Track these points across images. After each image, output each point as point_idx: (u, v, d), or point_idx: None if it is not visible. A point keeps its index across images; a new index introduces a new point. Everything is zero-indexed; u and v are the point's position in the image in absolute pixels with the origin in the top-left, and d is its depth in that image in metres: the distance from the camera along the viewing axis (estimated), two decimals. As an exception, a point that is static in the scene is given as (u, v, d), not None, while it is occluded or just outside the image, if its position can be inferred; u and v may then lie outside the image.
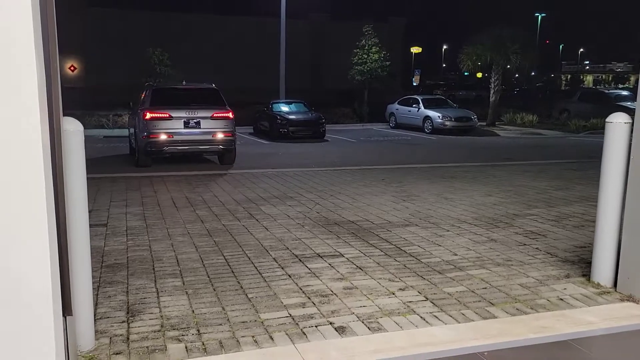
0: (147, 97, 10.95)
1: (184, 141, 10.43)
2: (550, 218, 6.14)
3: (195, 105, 10.63)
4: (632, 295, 3.68)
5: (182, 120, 10.37)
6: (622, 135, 3.71)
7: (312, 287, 3.95)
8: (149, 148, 10.32)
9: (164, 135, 10.27)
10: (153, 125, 10.23)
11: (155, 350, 2.97)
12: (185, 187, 8.15)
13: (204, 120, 10.47)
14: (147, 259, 4.60)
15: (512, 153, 14.09)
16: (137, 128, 10.65)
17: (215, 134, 10.55)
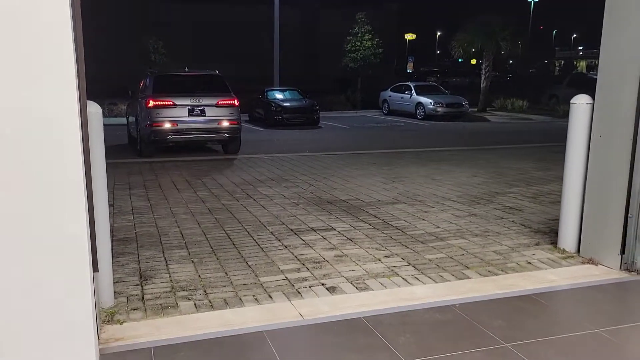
0: (149, 84, 10.63)
1: (188, 129, 10.14)
2: (528, 195, 6.57)
3: (199, 92, 10.34)
4: (592, 258, 4.11)
5: (187, 108, 10.09)
6: (585, 115, 4.11)
7: (306, 255, 4.36)
8: (152, 137, 10.02)
9: (168, 124, 9.96)
10: (156, 113, 9.92)
11: (168, 307, 3.37)
12: (185, 172, 8.52)
13: (209, 108, 10.18)
14: (154, 233, 4.99)
15: (500, 137, 14.52)
16: (139, 116, 10.35)
17: (221, 121, 10.26)
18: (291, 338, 2.96)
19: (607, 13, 3.85)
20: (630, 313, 3.27)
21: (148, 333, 3.00)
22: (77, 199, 2.32)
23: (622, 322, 3.13)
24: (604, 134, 3.94)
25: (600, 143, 3.99)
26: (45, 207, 2.29)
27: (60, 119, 2.24)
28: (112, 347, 2.82)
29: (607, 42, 3.89)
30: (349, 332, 3.00)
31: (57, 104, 2.22)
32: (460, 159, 9.92)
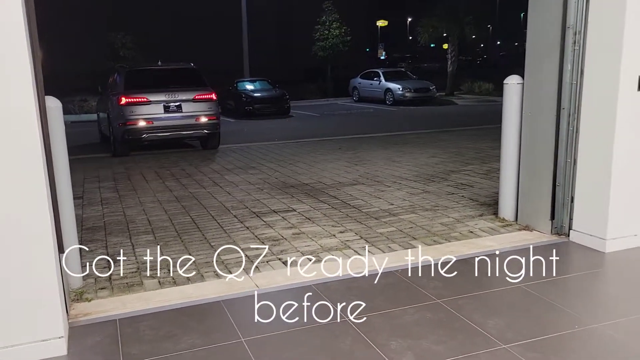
0: (120, 80, 10.13)
1: (165, 127, 9.64)
2: (481, 172, 6.95)
3: (174, 87, 9.87)
4: (528, 225, 4.48)
5: (162, 104, 9.60)
6: (516, 94, 4.46)
7: (266, 234, 4.65)
8: (126, 136, 9.50)
9: (143, 122, 9.45)
10: (130, 111, 9.41)
11: (134, 285, 3.64)
12: (153, 163, 8.72)
13: (186, 104, 9.73)
14: (121, 222, 5.23)
15: (464, 119, 14.96)
16: (111, 115, 9.88)
17: (199, 117, 9.83)
18: (246, 305, 3.26)
19: (530, 4, 4.19)
20: (551, 270, 3.63)
21: (114, 308, 3.27)
22: (37, 186, 2.56)
23: (543, 277, 3.50)
24: (533, 110, 4.30)
25: (529, 119, 4.35)
26: (7, 194, 2.53)
27: (18, 113, 2.48)
28: (80, 321, 3.08)
29: (532, 27, 4.23)
30: (300, 299, 3.31)
31: (14, 98, 2.45)
32: (423, 141, 10.29)
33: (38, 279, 2.62)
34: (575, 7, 3.88)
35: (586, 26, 3.84)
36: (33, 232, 2.58)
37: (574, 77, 3.96)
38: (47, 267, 2.63)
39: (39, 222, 2.59)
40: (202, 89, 10.11)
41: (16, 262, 2.57)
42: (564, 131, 4.08)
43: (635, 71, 3.66)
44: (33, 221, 2.58)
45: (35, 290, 2.62)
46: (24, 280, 2.59)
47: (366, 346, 2.71)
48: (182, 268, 3.91)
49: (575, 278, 3.54)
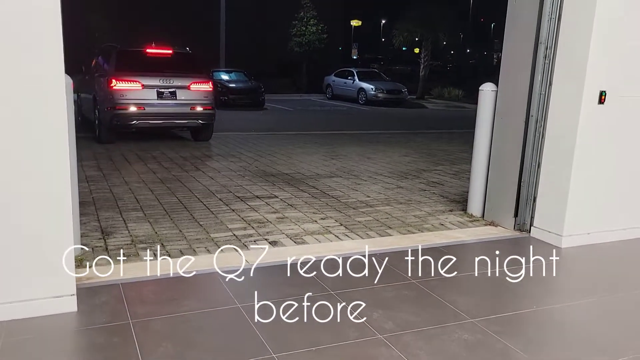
0: (110, 60, 9.39)
1: (157, 114, 9.01)
2: (450, 173, 7.39)
3: (169, 72, 9.21)
4: (494, 221, 4.89)
5: (155, 90, 8.94)
6: (490, 100, 4.86)
7: (252, 217, 4.93)
8: (115, 122, 8.83)
9: (134, 107, 8.79)
10: (120, 95, 8.73)
11: (130, 255, 3.87)
12: (134, 146, 8.84)
13: (181, 91, 9.11)
14: (110, 198, 5.42)
15: (434, 123, 15.50)
16: (98, 97, 9.21)
17: (194, 106, 9.23)
18: (239, 276, 3.54)
19: (508, 15, 4.59)
20: (512, 260, 4.04)
21: (115, 274, 3.50)
22: (61, 150, 2.79)
23: (505, 266, 3.90)
24: (504, 115, 4.70)
25: (501, 123, 4.75)
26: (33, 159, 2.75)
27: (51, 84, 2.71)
28: (84, 284, 3.30)
29: (508, 40, 4.63)
30: (287, 273, 3.61)
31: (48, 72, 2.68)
32: (395, 141, 10.71)
33: (55, 238, 2.85)
34: (547, 25, 4.29)
35: (556, 43, 4.26)
36: (54, 192, 2.80)
37: (542, 87, 4.38)
38: (65, 227, 2.86)
39: (60, 183, 2.82)
40: (198, 76, 9.57)
41: (36, 223, 2.79)
42: (531, 136, 4.49)
43: (597, 86, 4.10)
44: (55, 183, 2.81)
45: (52, 249, 2.84)
46: (43, 239, 2.82)
47: (349, 315, 3.03)
48: (175, 243, 4.16)
49: (535, 268, 3.95)
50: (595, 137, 4.22)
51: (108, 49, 9.94)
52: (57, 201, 2.82)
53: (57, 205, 2.83)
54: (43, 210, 2.80)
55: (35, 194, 2.76)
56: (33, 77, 2.66)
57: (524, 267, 3.90)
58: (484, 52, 68.11)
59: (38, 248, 2.82)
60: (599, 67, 4.07)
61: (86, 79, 10.12)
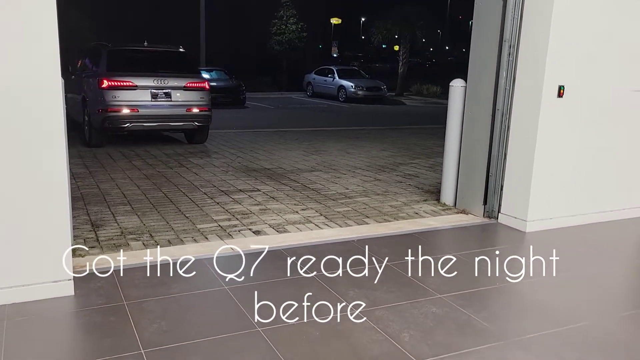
0: (101, 60, 8.89)
1: (151, 116, 8.52)
2: (426, 166, 7.70)
3: (163, 72, 8.80)
4: (465, 209, 5.20)
5: (149, 91, 8.48)
6: (459, 95, 5.16)
7: (236, 209, 5.17)
8: (106, 124, 8.34)
9: (127, 109, 8.33)
10: (113, 96, 8.27)
11: (121, 245, 4.08)
12: (117, 143, 8.98)
13: (176, 92, 8.68)
14: (97, 194, 5.60)
15: (412, 119, 15.84)
16: (88, 98, 8.74)
17: (190, 108, 8.80)
18: (226, 262, 3.78)
19: (474, 16, 4.89)
20: (480, 244, 4.35)
21: (108, 262, 3.70)
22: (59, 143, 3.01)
23: (473, 249, 4.20)
24: (473, 110, 5.00)
25: (470, 118, 5.05)
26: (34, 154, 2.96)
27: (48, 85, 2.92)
28: (79, 271, 3.50)
29: (475, 39, 4.93)
30: (272, 259, 3.86)
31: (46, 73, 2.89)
32: (374, 136, 11.00)
33: (54, 226, 3.05)
34: (511, 25, 4.59)
35: (519, 41, 4.57)
36: (55, 185, 3.01)
37: (507, 83, 4.68)
38: (63, 215, 3.07)
39: (59, 174, 3.03)
40: (194, 76, 9.20)
41: (35, 212, 3.00)
42: (497, 129, 4.80)
43: (556, 81, 4.42)
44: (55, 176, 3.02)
45: (51, 236, 3.05)
46: (42, 226, 3.03)
47: (328, 293, 3.30)
48: (163, 233, 4.38)
49: (501, 250, 4.26)
50: (555, 128, 4.54)
51: (97, 48, 9.49)
52: (56, 192, 3.03)
53: (56, 196, 3.04)
54: (42, 201, 3.01)
55: (36, 185, 2.97)
56: (32, 77, 2.87)
57: (490, 250, 4.20)
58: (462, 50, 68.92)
59: (37, 235, 3.03)
60: (557, 63, 4.39)
61: (73, 79, 9.73)
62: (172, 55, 9.63)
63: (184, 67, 9.36)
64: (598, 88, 4.65)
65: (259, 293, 3.25)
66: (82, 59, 10.09)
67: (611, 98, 4.74)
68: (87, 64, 9.71)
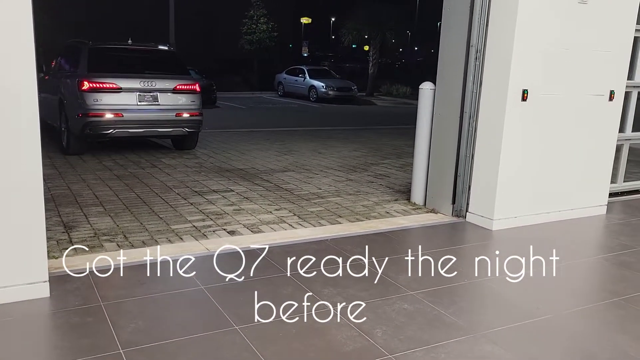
0: (80, 59, 8.07)
1: (137, 122, 7.82)
2: (396, 166, 7.85)
3: (150, 73, 8.14)
4: (434, 209, 5.35)
5: (135, 94, 7.77)
6: (429, 98, 5.31)
7: (210, 209, 5.21)
8: (88, 130, 7.57)
9: (110, 114, 7.59)
10: (94, 99, 7.52)
11: (95, 247, 4.09)
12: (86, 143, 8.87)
13: (164, 95, 7.98)
14: (69, 195, 5.56)
15: (383, 119, 16.06)
16: (67, 102, 7.97)
17: (180, 112, 8.12)
18: (201, 262, 3.83)
19: (442, 21, 5.04)
20: (449, 242, 4.50)
21: (83, 263, 3.71)
22: (34, 150, 3.02)
23: (442, 247, 4.35)
24: (441, 112, 5.16)
25: (439, 120, 5.21)
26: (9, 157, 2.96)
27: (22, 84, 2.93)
28: (54, 273, 3.51)
29: (443, 43, 5.08)
30: (247, 258, 3.92)
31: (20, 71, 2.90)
32: (345, 136, 11.13)
33: (28, 228, 3.06)
34: (477, 30, 4.76)
35: (485, 46, 4.74)
36: (29, 187, 3.02)
37: (474, 86, 4.85)
38: (37, 217, 3.08)
39: (34, 179, 3.04)
40: (183, 77, 8.42)
41: (10, 213, 3.00)
42: (465, 131, 4.96)
43: (521, 85, 4.60)
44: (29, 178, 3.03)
45: (26, 238, 3.06)
46: (16, 228, 3.03)
47: (304, 292, 3.38)
48: (137, 234, 4.39)
49: (468, 248, 4.42)
50: (519, 130, 4.72)
51: (76, 46, 8.61)
52: (31, 195, 3.04)
53: (31, 198, 3.04)
54: (16, 203, 3.01)
55: (11, 189, 2.97)
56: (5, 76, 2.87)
57: (459, 248, 4.35)
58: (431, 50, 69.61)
59: (11, 237, 3.03)
60: (521, 67, 4.57)
61: (46, 79, 8.96)
62: (160, 54, 8.92)
63: (173, 68, 8.63)
64: (560, 92, 4.85)
65: (235, 292, 3.32)
66: (58, 58, 9.42)
67: (572, 102, 4.96)
68: (63, 63, 9.00)
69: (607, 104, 5.16)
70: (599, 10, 4.84)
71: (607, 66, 5.06)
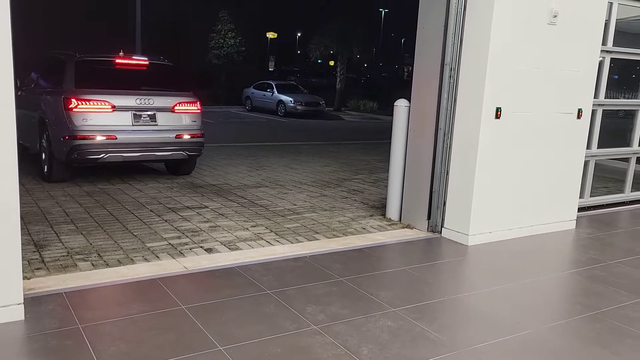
0: (66, 73, 7.02)
1: (133, 144, 6.84)
2: (369, 181, 7.91)
3: (147, 89, 7.24)
4: (409, 224, 5.41)
5: (130, 113, 6.84)
6: (403, 115, 5.39)
7: (185, 226, 5.13)
8: (75, 155, 6.57)
9: (102, 136, 6.64)
10: (83, 119, 6.56)
11: (68, 266, 3.97)
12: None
13: (162, 114, 7.06)
14: (37, 212, 5.39)
15: (351, 134, 16.20)
16: (50, 122, 6.91)
17: (181, 134, 7.18)
18: (180, 282, 3.76)
19: (417, 39, 5.14)
20: (427, 257, 4.55)
21: (56, 284, 3.60)
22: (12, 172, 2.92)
23: (421, 263, 4.39)
24: (416, 129, 5.24)
25: (413, 136, 5.29)
26: (-21, 174, 2.86)
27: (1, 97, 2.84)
28: (27, 295, 3.38)
29: (418, 61, 5.18)
30: (226, 277, 3.88)
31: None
32: (316, 152, 11.17)
33: (4, 246, 2.95)
34: (451, 49, 4.87)
35: (459, 64, 4.85)
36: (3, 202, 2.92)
37: (448, 104, 4.95)
38: (12, 239, 2.97)
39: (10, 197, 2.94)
40: (183, 94, 7.44)
41: (-16, 235, 2.89)
42: (440, 147, 5.05)
43: (494, 103, 4.72)
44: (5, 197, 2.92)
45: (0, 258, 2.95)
46: (-9, 251, 2.92)
47: (286, 310, 3.36)
48: (112, 253, 4.29)
49: (445, 263, 4.47)
50: (493, 147, 4.83)
51: (58, 58, 7.62)
52: (6, 213, 2.93)
53: (6, 217, 2.94)
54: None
55: (-15, 207, 2.87)
56: (-18, 94, 2.79)
57: (436, 263, 4.40)
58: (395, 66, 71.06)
59: (-15, 259, 2.91)
60: (495, 86, 4.70)
61: (22, 95, 7.68)
62: (157, 68, 7.87)
63: (172, 84, 7.68)
64: (531, 110, 5.00)
65: (217, 312, 3.27)
66: (36, 72, 8.36)
67: (542, 120, 5.11)
68: (42, 77, 8.03)
69: (575, 122, 5.34)
70: (567, 32, 5.02)
71: (575, 85, 5.24)
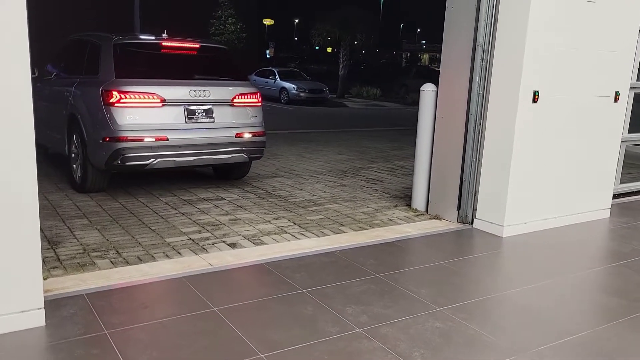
0: (101, 59, 5.70)
1: (186, 146, 5.60)
2: (387, 170, 7.66)
3: (201, 78, 6.09)
4: (438, 215, 5.16)
5: (183, 108, 5.59)
6: (431, 100, 5.12)
7: (204, 220, 4.88)
8: (118, 161, 5.35)
9: (151, 137, 5.41)
10: (127, 117, 5.32)
11: (86, 264, 3.72)
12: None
13: (220, 108, 5.83)
14: (47, 206, 5.13)
15: (358, 121, 15.90)
16: (85, 120, 5.61)
17: (241, 132, 5.96)
18: (208, 281, 3.52)
19: (446, 20, 4.86)
20: (462, 250, 4.32)
21: (75, 285, 3.36)
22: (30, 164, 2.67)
23: (457, 256, 4.16)
24: (445, 115, 4.98)
25: (442, 122, 5.02)
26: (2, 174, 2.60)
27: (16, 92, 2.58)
28: (46, 297, 3.13)
29: (447, 43, 4.90)
30: (255, 274, 3.64)
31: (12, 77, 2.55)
32: (326, 139, 10.89)
33: (22, 252, 2.70)
34: (484, 29, 4.59)
35: (493, 46, 4.58)
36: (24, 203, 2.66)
37: (481, 88, 4.68)
38: (32, 241, 2.72)
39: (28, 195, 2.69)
40: (242, 83, 6.24)
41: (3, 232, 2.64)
42: (471, 134, 4.79)
43: (532, 86, 4.45)
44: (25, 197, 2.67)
45: (19, 263, 2.70)
46: (9, 254, 2.67)
47: (326, 310, 3.12)
48: (131, 249, 4.04)
49: (483, 257, 4.24)
50: (530, 133, 4.58)
51: (90, 42, 6.23)
52: (25, 214, 2.68)
53: (25, 219, 2.69)
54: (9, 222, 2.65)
55: (3, 207, 2.61)
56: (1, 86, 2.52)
57: (473, 257, 4.17)
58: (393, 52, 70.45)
59: (3, 258, 2.66)
60: (533, 68, 4.43)
61: (47, 87, 6.71)
62: (211, 52, 6.57)
63: (228, 72, 6.47)
64: (568, 93, 4.74)
65: (251, 314, 3.04)
66: (59, 59, 7.10)
67: (579, 103, 4.85)
68: (68, 65, 6.75)
69: (612, 105, 5.08)
70: (606, 10, 4.75)
71: (613, 67, 4.98)
